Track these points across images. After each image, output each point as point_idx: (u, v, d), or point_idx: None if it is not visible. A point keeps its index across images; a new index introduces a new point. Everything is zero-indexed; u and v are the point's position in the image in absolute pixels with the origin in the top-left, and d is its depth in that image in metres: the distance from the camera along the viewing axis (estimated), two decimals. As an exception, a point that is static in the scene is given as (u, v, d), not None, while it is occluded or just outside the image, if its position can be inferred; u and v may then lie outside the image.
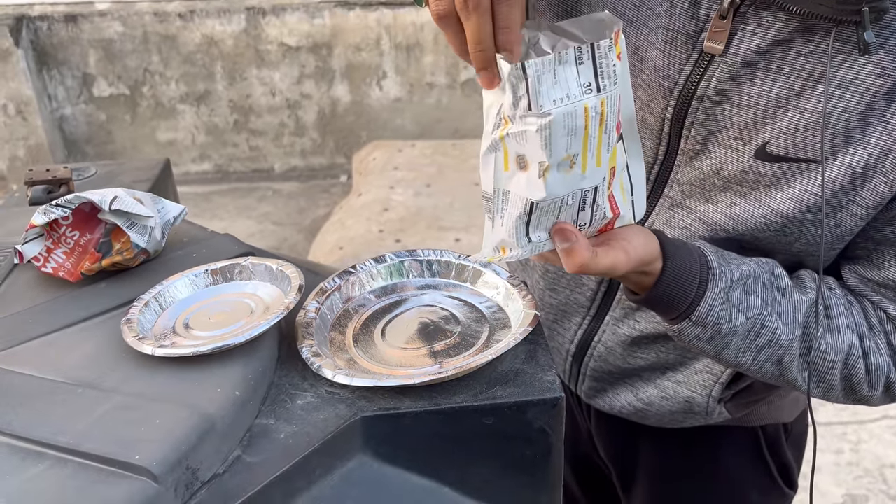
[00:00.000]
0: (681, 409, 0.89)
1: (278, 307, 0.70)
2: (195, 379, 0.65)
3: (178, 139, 4.21)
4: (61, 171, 1.06)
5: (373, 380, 0.65)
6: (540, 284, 0.93)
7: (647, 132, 0.75)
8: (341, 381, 0.66)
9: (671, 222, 0.77)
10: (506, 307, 0.77)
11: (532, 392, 0.67)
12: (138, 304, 0.73)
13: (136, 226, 0.78)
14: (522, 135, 0.54)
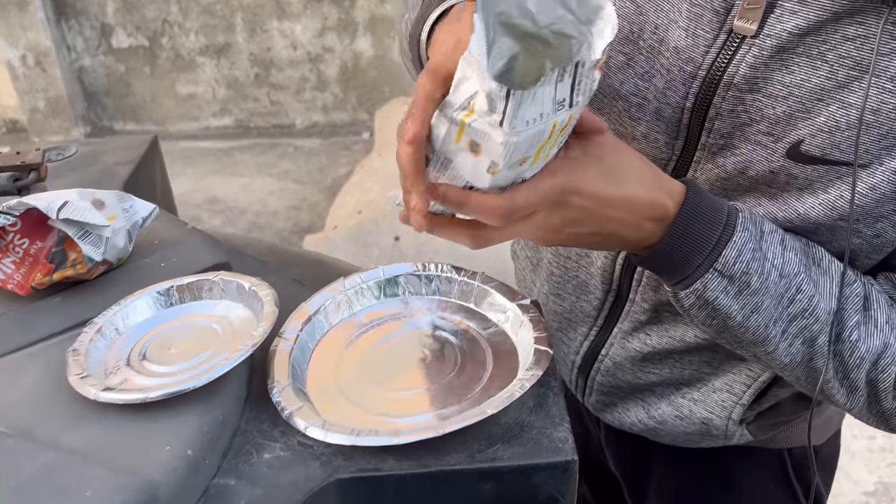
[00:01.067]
0: (696, 431, 0.79)
1: (247, 337, 0.60)
2: (142, 431, 0.55)
3: (199, 93, 4.12)
4: (32, 156, 0.97)
5: (350, 437, 0.55)
6: (544, 289, 0.82)
7: (660, 125, 0.63)
8: (314, 435, 0.56)
9: None
10: (514, 336, 0.67)
11: (540, 452, 0.56)
12: (90, 329, 0.64)
13: (90, 236, 0.68)
14: (486, 135, 0.48)
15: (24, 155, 0.96)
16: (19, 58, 3.96)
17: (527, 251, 0.90)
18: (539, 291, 0.84)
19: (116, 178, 1.00)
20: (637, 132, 0.64)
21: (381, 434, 0.55)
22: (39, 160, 0.95)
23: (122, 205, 0.75)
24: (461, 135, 0.49)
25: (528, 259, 0.89)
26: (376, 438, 0.55)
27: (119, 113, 4.23)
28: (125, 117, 4.25)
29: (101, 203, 0.72)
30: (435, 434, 0.54)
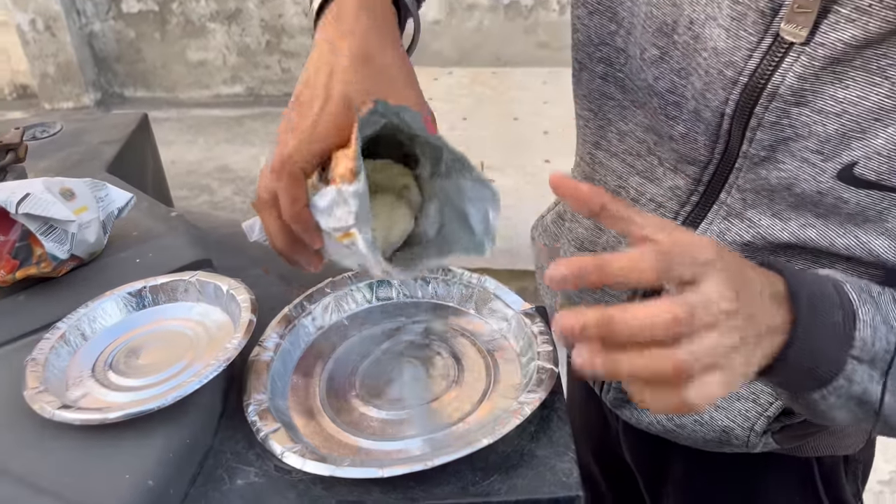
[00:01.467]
0: (715, 438, 0.73)
1: (222, 348, 0.54)
2: (101, 456, 0.50)
3: (209, 59, 4.04)
4: (10, 135, 0.91)
5: (329, 467, 0.49)
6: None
7: (700, 126, 0.56)
8: (291, 462, 0.50)
9: (724, 235, 0.60)
10: (517, 348, 0.61)
11: (541, 487, 0.50)
12: (52, 336, 0.58)
13: (54, 231, 0.62)
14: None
15: (1, 135, 0.91)
16: (29, 22, 3.89)
17: (544, 238, 0.84)
18: None
19: (101, 158, 0.94)
20: (675, 132, 0.58)
21: (366, 464, 0.50)
22: (17, 140, 0.90)
23: (96, 193, 0.70)
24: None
25: (546, 247, 0.83)
26: (359, 469, 0.49)
27: (129, 79, 4.17)
28: (135, 84, 4.18)
29: (71, 193, 0.66)
30: (423, 467, 0.49)
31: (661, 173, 0.61)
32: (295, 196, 0.52)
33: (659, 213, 0.63)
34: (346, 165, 0.48)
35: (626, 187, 0.65)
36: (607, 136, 0.65)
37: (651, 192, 0.63)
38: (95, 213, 0.68)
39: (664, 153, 0.60)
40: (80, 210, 0.66)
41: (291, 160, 0.51)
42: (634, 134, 0.62)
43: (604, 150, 0.66)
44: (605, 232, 0.71)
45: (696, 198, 0.60)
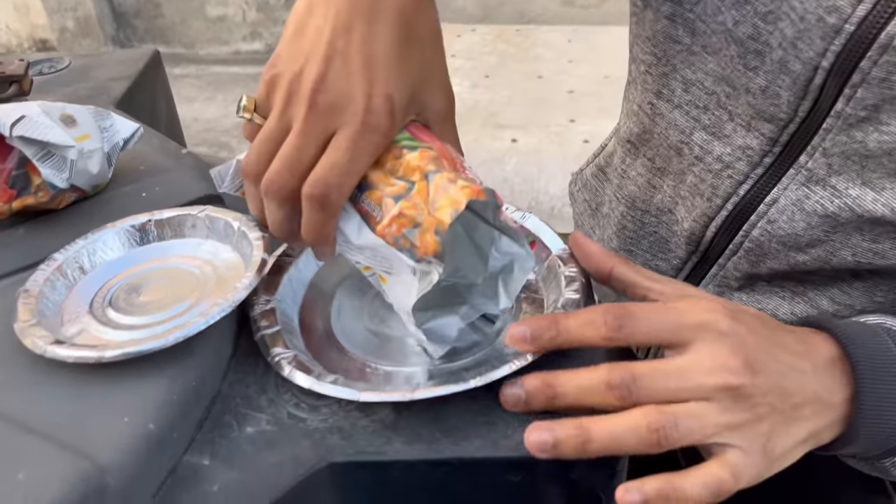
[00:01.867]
0: None
1: (230, 288, 0.50)
2: (98, 397, 0.45)
3: (229, 15, 3.97)
4: (14, 66, 0.86)
5: (309, 378, 0.47)
6: (613, 243, 0.70)
7: (785, 79, 0.49)
8: (282, 370, 0.48)
9: (802, 204, 0.53)
10: (545, 290, 0.55)
11: (581, 442, 0.45)
12: (47, 267, 0.53)
13: (52, 157, 0.57)
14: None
15: (5, 66, 0.86)
16: (48, -25, 3.84)
17: (584, 193, 0.78)
18: (604, 244, 0.73)
19: (109, 94, 0.89)
20: (753, 84, 0.51)
21: (349, 385, 0.47)
22: (21, 72, 0.85)
23: (100, 123, 0.65)
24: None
25: (586, 202, 0.77)
26: (338, 388, 0.46)
27: (148, 35, 4.12)
28: (154, 39, 4.13)
29: (72, 119, 0.61)
30: (401, 398, 0.45)
31: (731, 130, 0.55)
32: (328, 226, 0.46)
33: (725, 174, 0.56)
34: (432, 241, 0.44)
35: (689, 143, 0.58)
36: (671, 85, 0.58)
37: (717, 150, 0.56)
38: (99, 142, 0.63)
39: (737, 108, 0.53)
40: (81, 138, 0.61)
41: (340, 196, 0.45)
42: (703, 84, 0.55)
43: (665, 100, 0.59)
44: (658, 190, 0.65)
45: (769, 159, 0.53)
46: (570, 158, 2.38)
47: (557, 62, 2.99)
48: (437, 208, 0.45)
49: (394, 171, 0.46)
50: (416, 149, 0.46)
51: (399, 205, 0.45)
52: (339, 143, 0.44)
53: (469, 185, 0.45)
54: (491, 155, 2.40)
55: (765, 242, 0.56)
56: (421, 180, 0.45)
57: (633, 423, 0.42)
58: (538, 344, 0.46)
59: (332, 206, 0.45)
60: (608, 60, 2.93)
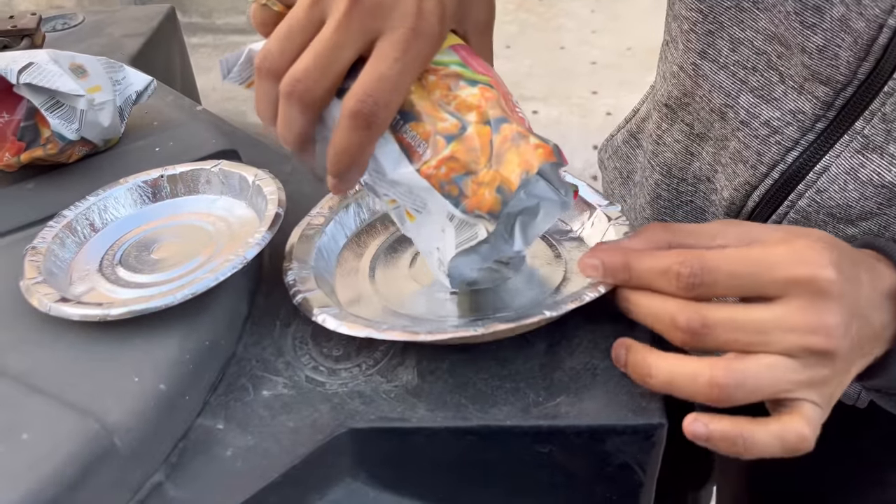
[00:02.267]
0: None
1: (243, 244, 0.47)
2: (107, 357, 0.43)
3: (245, -19, 3.93)
4: (26, 20, 0.83)
5: (364, 329, 0.43)
6: (646, 212, 0.67)
7: (845, 38, 0.45)
8: (329, 325, 0.44)
9: (857, 173, 0.49)
10: (588, 240, 0.53)
11: (616, 412, 0.43)
12: (57, 224, 0.51)
13: (61, 107, 0.55)
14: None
15: (17, 19, 0.83)
16: (63, -60, 3.81)
17: (615, 161, 0.74)
18: (637, 215, 0.69)
19: (123, 52, 0.86)
20: (810, 43, 0.47)
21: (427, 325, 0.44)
22: (34, 26, 0.82)
23: (112, 75, 0.62)
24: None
25: (616, 170, 0.73)
26: (422, 325, 0.44)
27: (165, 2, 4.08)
28: (171, 8, 4.09)
29: (82, 70, 0.59)
30: (411, 338, 0.42)
31: (781, 93, 0.51)
32: (367, 150, 0.39)
33: (773, 140, 0.52)
34: (491, 198, 0.40)
35: (735, 107, 0.54)
36: (716, 45, 0.53)
37: (766, 114, 0.52)
38: (110, 94, 0.60)
39: (789, 69, 0.49)
40: (92, 89, 0.58)
41: (388, 114, 0.38)
42: (752, 43, 0.51)
43: (710, 60, 0.54)
44: (696, 157, 0.61)
45: (822, 124, 0.50)
46: (593, 131, 2.33)
47: (580, 32, 2.93)
48: (503, 163, 0.40)
49: (444, 102, 0.41)
50: (475, 84, 0.41)
51: (451, 146, 0.40)
52: (386, 52, 0.37)
53: (541, 144, 0.40)
54: (511, 126, 2.36)
55: (812, 213, 0.52)
56: (481, 124, 0.40)
57: (693, 373, 0.39)
58: (608, 281, 0.43)
59: (378, 127, 0.38)
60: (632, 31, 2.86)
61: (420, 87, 0.41)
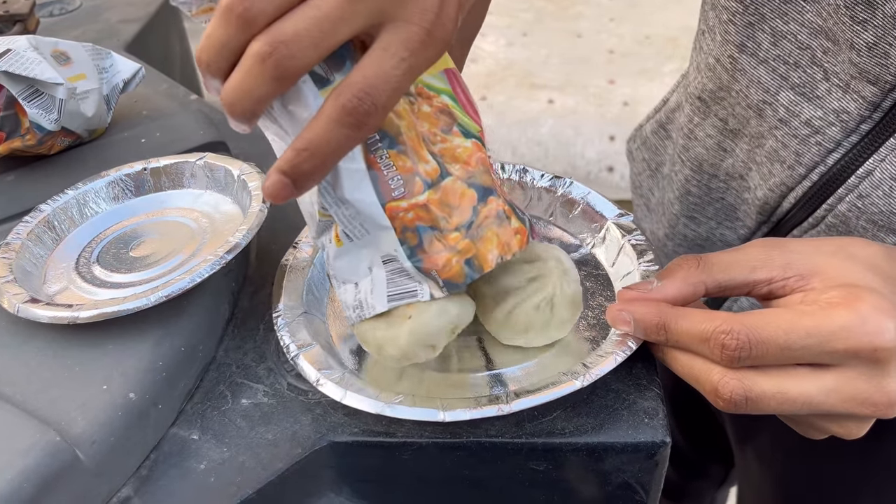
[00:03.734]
0: None
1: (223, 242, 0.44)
2: (76, 362, 0.41)
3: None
4: (19, 5, 0.81)
5: (377, 403, 0.38)
6: (674, 208, 0.63)
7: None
8: (328, 391, 0.39)
9: None
10: (607, 265, 0.49)
11: (618, 429, 0.40)
12: (32, 219, 0.49)
13: (39, 96, 0.52)
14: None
15: (10, 4, 0.81)
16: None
17: (644, 152, 0.70)
18: (665, 210, 0.66)
19: (119, 38, 0.84)
20: (859, 39, 0.43)
21: (423, 402, 0.38)
22: (26, 11, 0.80)
23: (98, 62, 0.59)
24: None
25: (645, 162, 0.70)
26: (414, 410, 0.38)
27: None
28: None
29: (66, 57, 0.56)
30: (497, 413, 0.37)
31: (825, 91, 0.47)
32: (345, 151, 0.32)
33: (813, 140, 0.49)
34: (458, 269, 0.37)
35: (773, 104, 0.50)
36: (756, 37, 0.50)
37: (807, 113, 0.48)
38: (96, 83, 0.58)
39: (835, 66, 0.46)
40: (76, 78, 0.56)
41: (380, 112, 0.31)
42: (796, 37, 0.48)
43: (750, 54, 0.51)
44: (729, 154, 0.57)
45: (867, 126, 0.46)
46: (609, 121, 2.29)
47: (598, 20, 2.88)
48: (481, 238, 0.37)
49: (430, 140, 0.37)
50: (469, 136, 0.38)
51: (427, 193, 0.36)
52: (395, 48, 0.31)
53: (520, 229, 0.38)
54: (526, 116, 2.32)
55: (852, 219, 0.49)
56: (464, 182, 0.37)
57: (706, 375, 0.37)
58: (640, 337, 0.40)
59: (368, 130, 0.32)
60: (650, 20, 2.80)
61: (410, 113, 0.37)
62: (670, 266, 0.41)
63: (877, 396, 0.36)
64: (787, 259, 0.39)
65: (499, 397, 0.38)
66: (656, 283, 0.40)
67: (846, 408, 0.36)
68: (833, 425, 0.39)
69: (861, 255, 0.38)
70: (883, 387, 0.35)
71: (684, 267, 0.40)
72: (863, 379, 0.36)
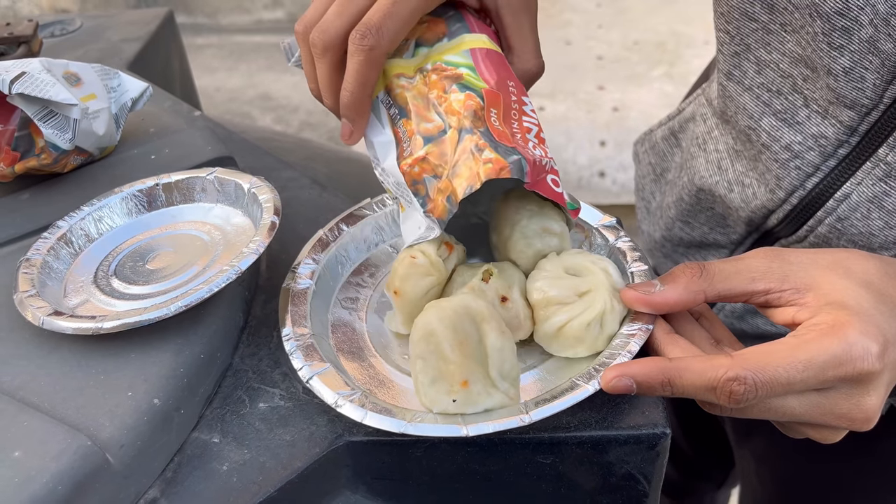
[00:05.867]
0: None
1: (237, 254, 0.46)
2: (100, 371, 0.43)
3: (250, -18, 3.92)
4: (22, 27, 0.83)
5: (399, 422, 0.39)
6: (671, 212, 0.65)
7: (873, 61, 0.43)
8: (348, 413, 0.40)
9: (881, 202, 0.47)
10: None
11: (620, 422, 0.42)
12: (51, 235, 0.51)
13: (54, 117, 0.54)
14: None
15: (13, 26, 0.83)
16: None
17: (651, 156, 0.72)
18: (663, 213, 0.68)
19: (121, 57, 0.86)
20: (836, 65, 0.45)
21: (445, 418, 0.40)
22: (30, 32, 0.82)
23: (107, 82, 0.61)
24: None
25: (650, 165, 0.72)
26: (437, 427, 0.39)
27: (169, 3, 4.08)
28: (176, 7, 4.06)
29: (77, 78, 0.58)
30: (519, 423, 0.39)
31: (805, 117, 0.49)
32: (366, 81, 0.44)
33: (793, 164, 0.51)
34: (441, 205, 0.42)
35: (757, 130, 0.52)
36: (742, 66, 0.52)
37: (787, 138, 0.51)
38: (105, 102, 0.59)
39: (814, 92, 0.48)
40: (87, 98, 0.58)
41: (380, 37, 0.42)
42: (778, 66, 0.50)
43: (736, 82, 0.53)
44: (723, 172, 0.59)
45: (844, 150, 0.48)
46: (600, 127, 2.32)
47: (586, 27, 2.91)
48: (456, 174, 0.42)
49: (437, 102, 0.43)
50: (465, 89, 0.43)
51: (427, 148, 0.43)
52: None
53: (493, 159, 0.41)
54: (517, 123, 2.34)
55: (832, 240, 0.51)
56: (456, 130, 0.42)
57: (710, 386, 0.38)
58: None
59: (375, 52, 0.42)
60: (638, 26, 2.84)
61: (422, 84, 0.44)
62: (674, 271, 0.43)
63: (854, 412, 0.38)
64: (785, 272, 0.41)
65: (518, 407, 0.40)
66: (659, 287, 0.42)
67: (824, 420, 0.39)
68: (810, 431, 0.41)
69: (857, 271, 0.40)
70: (861, 404, 0.38)
71: (687, 274, 0.42)
72: (844, 398, 0.38)
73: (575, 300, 0.43)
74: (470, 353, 0.39)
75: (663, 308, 0.42)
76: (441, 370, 0.39)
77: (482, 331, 0.40)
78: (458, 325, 0.39)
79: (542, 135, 0.45)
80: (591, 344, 0.43)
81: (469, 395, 0.39)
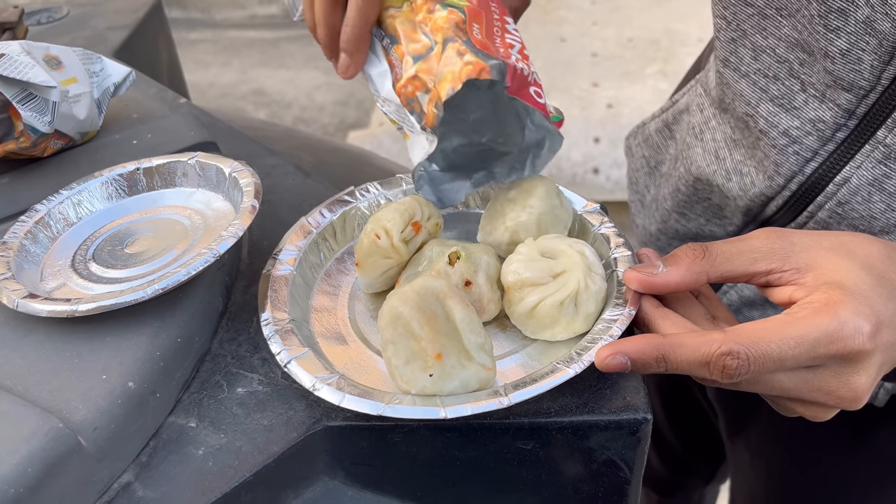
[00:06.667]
0: None
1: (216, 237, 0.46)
2: (75, 354, 0.42)
3: (245, -22, 3.91)
4: (7, 13, 0.82)
5: (376, 405, 0.39)
6: (667, 203, 0.65)
7: (870, 41, 0.43)
8: (325, 396, 0.40)
9: (882, 184, 0.47)
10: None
11: (601, 407, 0.41)
12: (28, 218, 0.50)
13: (33, 99, 0.53)
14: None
15: (-2, 14, 0.82)
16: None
17: (644, 149, 0.72)
18: (659, 205, 0.67)
19: (107, 45, 0.85)
20: (833, 47, 0.45)
21: (423, 400, 0.40)
22: (15, 19, 0.81)
23: (89, 66, 0.61)
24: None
25: (644, 158, 0.71)
26: (415, 409, 0.39)
27: (164, -1, 4.07)
28: (169, 3, 4.07)
29: (57, 61, 0.57)
30: (497, 406, 0.38)
31: (802, 101, 0.49)
32: (368, 16, 0.46)
33: (791, 150, 0.50)
34: (431, 113, 0.44)
35: (755, 116, 0.52)
36: (738, 52, 0.52)
37: (785, 123, 0.50)
38: (87, 86, 0.59)
39: (811, 76, 0.48)
40: (68, 81, 0.57)
41: None
42: (774, 51, 0.49)
43: (733, 68, 0.53)
44: (720, 162, 0.59)
45: (843, 134, 0.48)
46: (594, 123, 2.31)
47: (581, 24, 2.91)
48: (440, 80, 0.43)
49: (423, 24, 0.45)
50: (447, 7, 0.45)
51: (416, 66, 0.44)
52: None
53: (472, 62, 0.42)
54: (510, 119, 2.34)
55: (832, 225, 0.51)
56: (441, 44, 0.44)
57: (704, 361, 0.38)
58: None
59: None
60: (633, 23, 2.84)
61: (409, 10, 0.46)
62: (676, 252, 0.42)
63: (842, 390, 0.38)
64: (787, 252, 0.41)
65: (497, 390, 0.40)
66: (662, 268, 0.42)
67: (813, 397, 0.39)
68: (800, 407, 0.41)
69: (859, 254, 0.40)
70: (849, 382, 0.38)
71: (689, 256, 0.42)
72: (833, 375, 0.38)
73: (549, 281, 0.43)
74: (439, 328, 0.39)
75: (666, 290, 0.42)
76: (413, 349, 0.39)
77: (447, 307, 0.40)
78: (423, 304, 0.39)
79: (526, 52, 0.45)
80: (568, 324, 0.43)
81: (444, 368, 0.39)
